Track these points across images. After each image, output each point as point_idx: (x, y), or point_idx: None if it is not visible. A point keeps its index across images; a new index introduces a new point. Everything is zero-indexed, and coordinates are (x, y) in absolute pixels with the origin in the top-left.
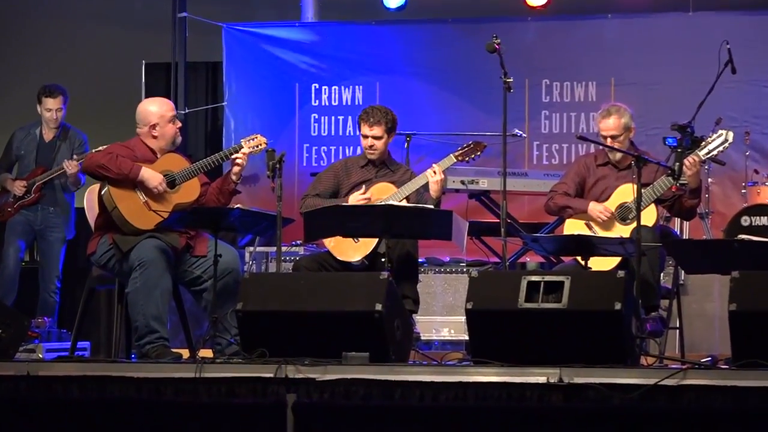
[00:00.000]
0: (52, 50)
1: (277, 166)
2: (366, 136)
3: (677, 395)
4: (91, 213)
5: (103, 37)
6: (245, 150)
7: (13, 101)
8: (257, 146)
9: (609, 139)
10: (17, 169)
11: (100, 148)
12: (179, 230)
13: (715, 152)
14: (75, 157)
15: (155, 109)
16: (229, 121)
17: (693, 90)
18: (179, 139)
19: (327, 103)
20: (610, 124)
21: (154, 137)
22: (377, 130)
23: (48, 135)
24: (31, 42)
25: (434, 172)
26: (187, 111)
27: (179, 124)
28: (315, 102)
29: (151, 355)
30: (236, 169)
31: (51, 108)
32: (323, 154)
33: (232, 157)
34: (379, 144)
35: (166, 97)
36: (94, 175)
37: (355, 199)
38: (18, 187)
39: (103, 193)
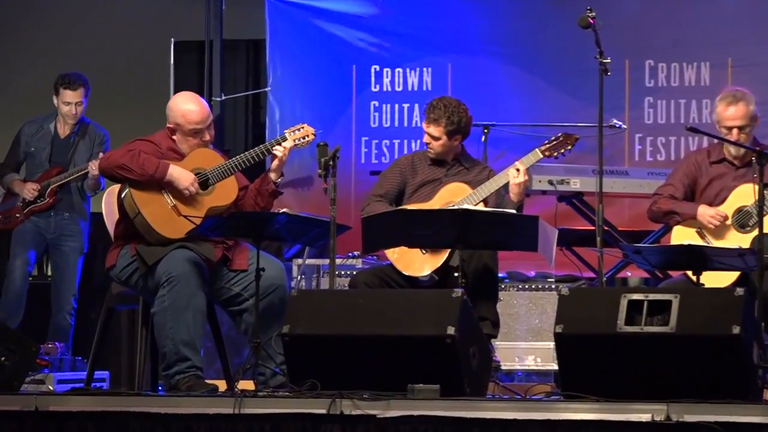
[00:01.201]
0: (63, 28)
1: (331, 163)
2: (425, 132)
3: None
4: (111, 219)
5: (124, 12)
6: (289, 143)
7: (20, 88)
8: (304, 138)
9: (735, 131)
10: (25, 168)
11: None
12: (214, 239)
13: None
14: (101, 155)
15: (180, 111)
16: (273, 110)
17: None
18: (205, 146)
19: (389, 89)
20: (736, 113)
21: (172, 134)
22: (434, 130)
23: (64, 130)
24: (39, 19)
25: (517, 171)
26: (223, 98)
27: (207, 137)
28: (375, 87)
29: (182, 386)
30: (275, 163)
31: (70, 101)
32: (385, 149)
33: (274, 150)
34: (436, 144)
35: (198, 80)
36: (113, 177)
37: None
38: (29, 190)
39: (123, 196)
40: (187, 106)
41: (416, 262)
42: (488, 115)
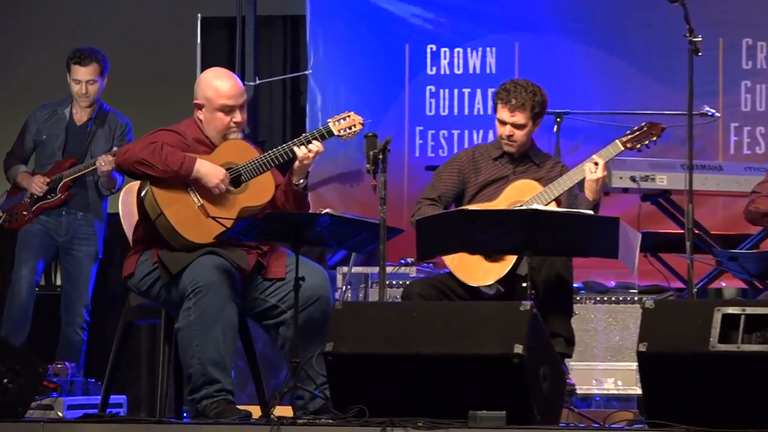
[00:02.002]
0: (76, 3)
1: (380, 156)
2: (504, 122)
3: None
4: (129, 221)
5: None
6: (315, 146)
7: (30, 72)
8: (350, 128)
9: None
10: (35, 159)
11: None
12: (247, 244)
13: None
14: (115, 149)
15: (211, 85)
16: (314, 96)
17: None
18: (235, 134)
19: (448, 71)
20: None
21: (200, 120)
22: (519, 116)
23: (80, 116)
24: None
25: (595, 165)
26: (257, 82)
27: (238, 118)
28: (431, 70)
29: (210, 413)
30: (296, 164)
31: (80, 79)
32: (443, 141)
33: (297, 150)
34: (520, 135)
35: (229, 62)
36: (132, 173)
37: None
38: (38, 185)
39: (143, 194)
40: (219, 79)
41: (478, 271)
42: (561, 101)
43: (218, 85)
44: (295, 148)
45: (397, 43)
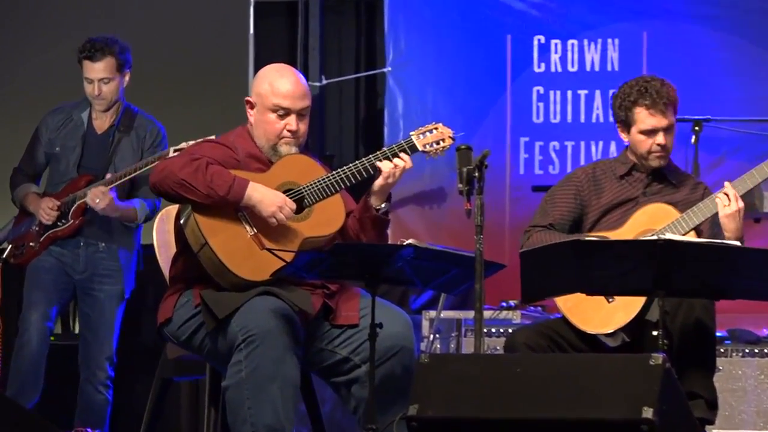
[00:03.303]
0: None
1: (476, 174)
2: (653, 131)
3: None
4: (165, 254)
5: None
6: (400, 162)
7: (42, 69)
8: (437, 143)
9: None
10: (47, 176)
11: (182, 145)
12: (312, 283)
13: None
14: (108, 176)
15: (268, 79)
16: (394, 99)
17: None
18: (288, 146)
19: (559, 68)
20: None
21: (251, 125)
22: (671, 116)
23: (101, 122)
24: None
25: (726, 197)
26: (324, 82)
27: (294, 125)
28: (539, 66)
29: None
30: (378, 183)
31: (92, 78)
32: (553, 155)
33: (379, 165)
34: (672, 140)
35: (289, 57)
36: (170, 196)
37: None
38: (45, 210)
39: (184, 221)
40: (279, 75)
41: (598, 316)
42: (700, 106)
43: (275, 80)
44: (379, 163)
45: (497, 33)
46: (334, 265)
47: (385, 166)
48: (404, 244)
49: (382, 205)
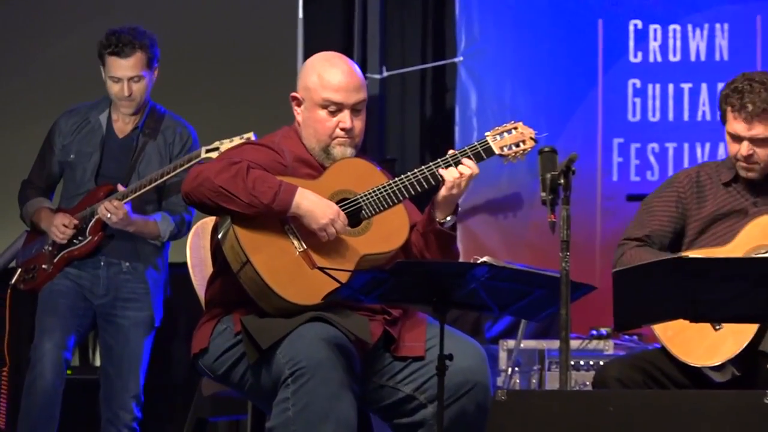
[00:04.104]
0: None
1: (561, 181)
2: (738, 137)
3: None
4: (200, 273)
5: None
6: (466, 168)
7: (54, 65)
8: (517, 145)
9: None
10: (62, 188)
11: (215, 144)
12: (370, 307)
13: None
14: (121, 188)
15: (317, 70)
16: (467, 94)
17: None
18: (343, 147)
19: (659, 59)
20: None
21: (298, 124)
22: (761, 128)
23: (123, 125)
24: None
25: None
26: (385, 74)
27: (348, 123)
28: (635, 56)
29: None
30: (442, 193)
31: (120, 76)
32: (652, 159)
33: (441, 173)
34: (764, 154)
35: (345, 46)
36: (205, 206)
37: None
38: (58, 227)
39: (222, 235)
40: (330, 65)
41: (704, 346)
42: None
43: (325, 71)
44: (442, 171)
45: (587, 17)
46: (396, 286)
47: (448, 174)
48: (478, 262)
49: (448, 219)
